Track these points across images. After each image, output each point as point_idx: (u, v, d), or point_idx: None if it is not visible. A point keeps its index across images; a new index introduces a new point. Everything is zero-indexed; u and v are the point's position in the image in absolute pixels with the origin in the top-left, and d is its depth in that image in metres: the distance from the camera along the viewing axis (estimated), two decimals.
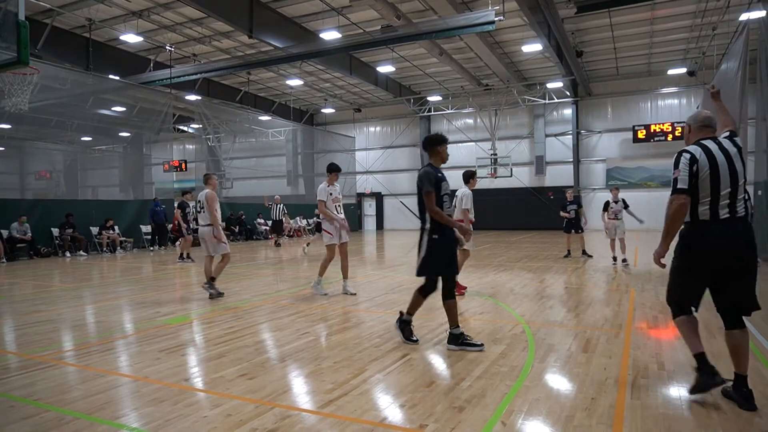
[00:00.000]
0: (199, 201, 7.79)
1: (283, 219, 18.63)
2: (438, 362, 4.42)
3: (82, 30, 17.70)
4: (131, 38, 17.85)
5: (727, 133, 3.49)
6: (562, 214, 13.12)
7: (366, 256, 14.99)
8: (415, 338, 4.96)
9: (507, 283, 8.92)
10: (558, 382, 3.88)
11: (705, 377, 3.35)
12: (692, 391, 3.46)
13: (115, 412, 3.39)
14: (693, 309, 3.49)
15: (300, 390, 3.82)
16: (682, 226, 3.42)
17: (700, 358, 3.39)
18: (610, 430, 3.01)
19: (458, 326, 4.77)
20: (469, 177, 7.73)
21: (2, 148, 24.12)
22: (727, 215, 3.28)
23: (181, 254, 13.60)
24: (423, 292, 4.88)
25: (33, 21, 15.93)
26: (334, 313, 6.57)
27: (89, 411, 3.38)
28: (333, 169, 7.65)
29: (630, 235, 12.30)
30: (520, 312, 6.39)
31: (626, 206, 11.36)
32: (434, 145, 4.94)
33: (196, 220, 8.33)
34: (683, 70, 22.25)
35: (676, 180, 3.33)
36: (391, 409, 3.39)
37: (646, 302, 6.94)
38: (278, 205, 18.00)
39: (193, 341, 5.31)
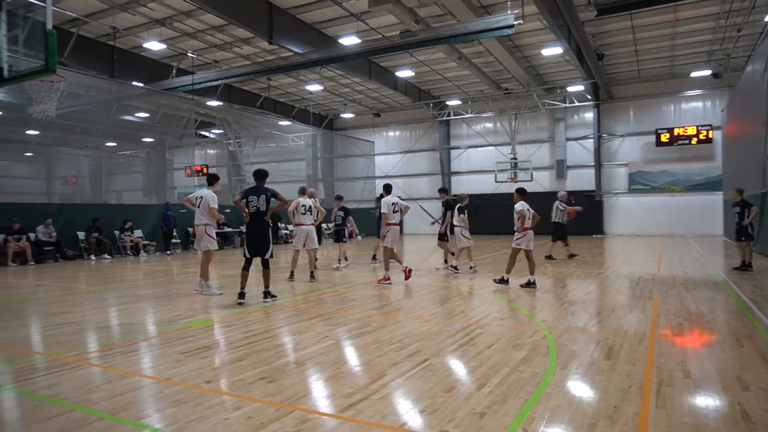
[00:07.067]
0: (304, 205, 9.90)
1: (561, 221, 13.53)
2: (458, 367, 4.40)
3: (106, 38, 18.09)
4: (154, 45, 18.17)
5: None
6: (748, 221, 10.52)
7: None
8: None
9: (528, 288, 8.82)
10: (580, 389, 3.82)
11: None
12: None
13: (139, 412, 3.44)
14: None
15: (320, 394, 3.82)
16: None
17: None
18: None
19: (268, 288, 7.74)
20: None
21: (30, 154, 24.74)
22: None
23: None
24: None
25: (60, 30, 16.33)
26: (353, 317, 6.57)
27: (113, 411, 3.44)
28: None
29: (653, 240, 12.05)
30: (542, 318, 6.32)
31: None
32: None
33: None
34: (707, 72, 21.76)
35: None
36: (411, 414, 3.38)
37: (671, 309, 6.80)
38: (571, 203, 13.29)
39: (214, 344, 5.36)
